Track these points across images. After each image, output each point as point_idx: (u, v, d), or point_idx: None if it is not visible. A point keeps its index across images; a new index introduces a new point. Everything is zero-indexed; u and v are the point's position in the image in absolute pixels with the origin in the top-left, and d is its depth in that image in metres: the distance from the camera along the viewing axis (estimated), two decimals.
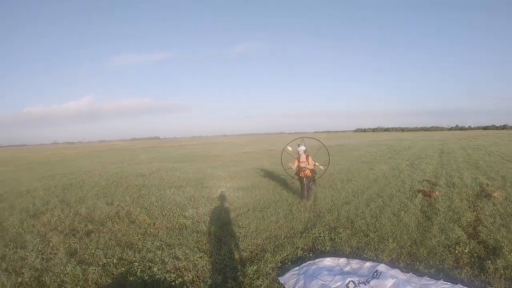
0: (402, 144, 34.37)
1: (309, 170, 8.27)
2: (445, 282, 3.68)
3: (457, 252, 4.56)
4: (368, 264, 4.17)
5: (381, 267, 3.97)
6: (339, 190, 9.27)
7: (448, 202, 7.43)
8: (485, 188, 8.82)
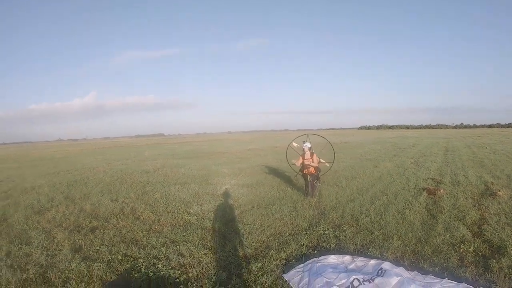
0: (407, 142, 34.11)
1: (313, 168, 8.24)
2: (450, 281, 3.68)
3: (462, 251, 4.56)
4: (373, 262, 4.18)
5: (386, 265, 3.97)
6: (344, 188, 9.26)
7: (453, 201, 7.40)
8: (490, 187, 8.77)
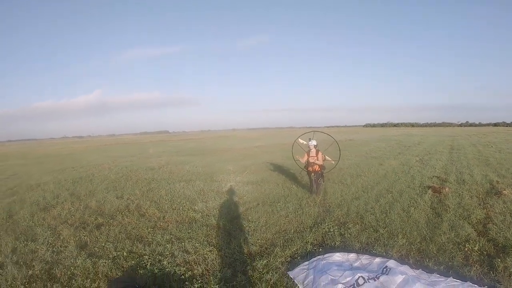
0: (412, 140, 33.86)
1: (318, 166, 8.22)
2: (455, 280, 3.68)
3: (467, 250, 4.55)
4: (378, 260, 4.19)
5: (391, 263, 3.98)
6: (349, 185, 9.26)
7: (458, 199, 7.37)
8: (495, 186, 8.72)
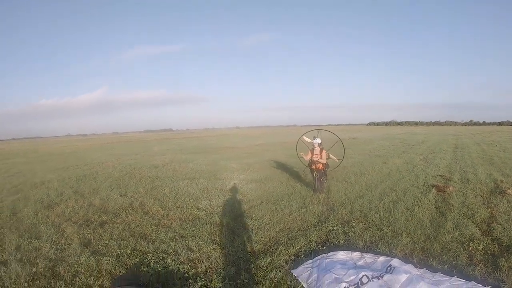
0: (416, 138, 33.71)
1: (322, 164, 8.24)
2: (459, 279, 3.67)
3: (471, 249, 4.54)
4: (382, 259, 4.20)
5: (395, 262, 3.98)
6: (353, 184, 9.26)
7: (462, 198, 7.35)
8: (500, 185, 8.67)
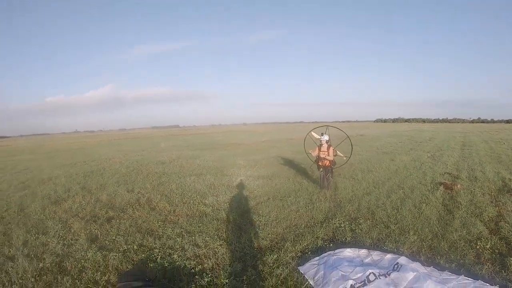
0: (423, 136, 33.36)
1: (328, 161, 8.20)
2: (466, 278, 3.66)
3: (479, 248, 4.53)
4: (389, 256, 4.20)
5: (402, 260, 3.99)
6: (360, 181, 9.24)
7: (470, 196, 7.29)
8: (508, 183, 8.58)
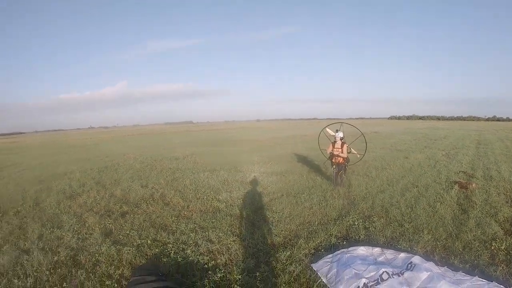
0: (438, 133, 32.69)
1: (342, 158, 8.19)
2: (480, 279, 3.61)
3: (493, 248, 4.48)
4: (403, 255, 4.17)
5: (416, 259, 3.96)
6: (374, 178, 9.20)
7: (485, 196, 7.19)
8: None
